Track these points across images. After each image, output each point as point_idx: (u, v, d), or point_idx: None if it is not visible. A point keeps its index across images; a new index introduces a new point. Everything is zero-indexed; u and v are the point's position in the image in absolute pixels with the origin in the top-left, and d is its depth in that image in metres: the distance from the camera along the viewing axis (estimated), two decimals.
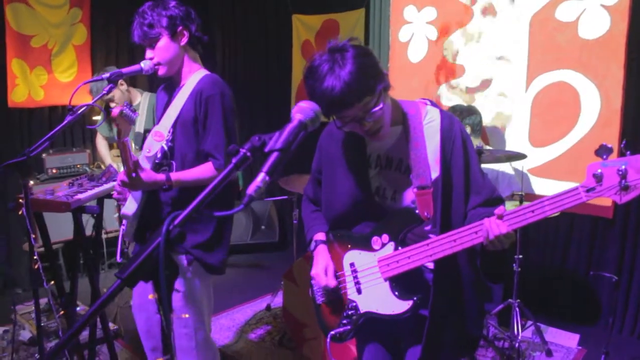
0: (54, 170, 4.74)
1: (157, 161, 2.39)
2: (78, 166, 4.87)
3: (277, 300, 4.30)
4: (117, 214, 2.65)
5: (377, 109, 1.69)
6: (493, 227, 1.63)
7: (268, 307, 4.33)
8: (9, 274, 4.78)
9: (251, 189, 1.13)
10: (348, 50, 1.65)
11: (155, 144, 2.33)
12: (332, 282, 1.96)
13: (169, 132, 2.35)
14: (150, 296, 2.49)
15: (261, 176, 1.15)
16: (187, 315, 2.39)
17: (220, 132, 2.35)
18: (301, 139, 1.25)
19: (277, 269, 5.29)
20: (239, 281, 5.12)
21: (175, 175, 2.29)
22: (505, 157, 3.56)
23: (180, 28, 2.37)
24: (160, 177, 2.25)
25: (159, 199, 2.41)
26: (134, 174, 2.17)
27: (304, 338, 3.47)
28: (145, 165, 2.33)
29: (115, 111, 2.11)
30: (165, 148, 2.38)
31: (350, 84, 1.60)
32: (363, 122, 1.71)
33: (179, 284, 2.39)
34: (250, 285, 4.98)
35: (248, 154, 1.18)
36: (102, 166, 5.09)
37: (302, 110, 1.34)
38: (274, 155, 1.19)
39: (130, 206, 2.35)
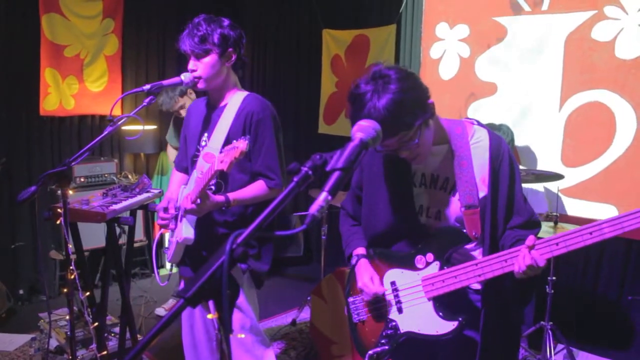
0: (82, 179, 4.76)
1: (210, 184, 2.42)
2: (106, 175, 4.89)
3: (303, 316, 4.26)
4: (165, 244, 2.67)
5: (412, 143, 1.68)
6: (526, 258, 1.61)
7: (294, 322, 4.30)
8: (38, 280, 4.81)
9: (314, 209, 1.11)
10: (391, 83, 1.61)
11: (207, 166, 2.33)
12: (381, 289, 1.92)
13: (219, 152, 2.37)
14: (210, 315, 2.49)
15: (323, 195, 1.13)
16: (243, 336, 2.54)
17: (272, 153, 2.43)
18: (362, 158, 1.23)
19: (301, 283, 5.26)
20: (262, 295, 5.05)
21: (232, 195, 2.34)
22: (541, 177, 3.50)
23: (231, 49, 2.40)
24: (220, 198, 2.30)
25: (212, 220, 2.44)
26: (199, 201, 2.21)
27: (331, 355, 3.43)
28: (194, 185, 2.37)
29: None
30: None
31: (384, 120, 1.54)
32: (399, 151, 1.72)
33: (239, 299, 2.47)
34: (274, 299, 4.94)
35: (310, 172, 1.16)
36: (130, 176, 5.12)
37: (363, 129, 1.31)
38: (336, 174, 1.17)
39: (189, 230, 2.36)
